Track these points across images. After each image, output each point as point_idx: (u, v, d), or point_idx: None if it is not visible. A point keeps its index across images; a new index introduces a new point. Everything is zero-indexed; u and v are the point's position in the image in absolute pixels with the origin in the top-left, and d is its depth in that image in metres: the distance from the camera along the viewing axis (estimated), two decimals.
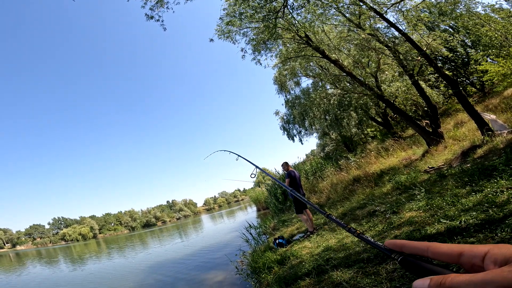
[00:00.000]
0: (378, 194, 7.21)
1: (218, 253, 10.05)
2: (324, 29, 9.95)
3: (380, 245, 0.52)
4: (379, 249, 0.52)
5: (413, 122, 9.86)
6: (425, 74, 11.51)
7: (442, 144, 8.75)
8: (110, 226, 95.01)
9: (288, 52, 10.78)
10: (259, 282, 5.22)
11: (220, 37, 9.82)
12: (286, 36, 9.88)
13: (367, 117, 16.85)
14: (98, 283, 9.55)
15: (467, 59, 14.90)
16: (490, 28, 9.20)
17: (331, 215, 0.98)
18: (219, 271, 7.66)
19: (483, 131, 7.05)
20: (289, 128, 20.74)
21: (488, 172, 4.73)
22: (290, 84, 19.64)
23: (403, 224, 4.34)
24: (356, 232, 0.74)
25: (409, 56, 8.95)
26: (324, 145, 24.75)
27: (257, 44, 9.88)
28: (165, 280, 8.25)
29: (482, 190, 4.14)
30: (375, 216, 5.48)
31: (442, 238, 3.22)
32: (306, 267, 4.33)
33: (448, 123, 11.81)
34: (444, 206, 4.21)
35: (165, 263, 11.02)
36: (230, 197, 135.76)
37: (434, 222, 3.79)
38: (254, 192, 25.67)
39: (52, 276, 14.10)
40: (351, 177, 10.18)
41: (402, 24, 8.83)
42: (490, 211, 3.34)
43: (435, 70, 8.52)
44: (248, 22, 9.51)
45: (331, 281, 3.51)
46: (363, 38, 9.21)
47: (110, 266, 13.51)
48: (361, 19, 8.70)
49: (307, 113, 17.02)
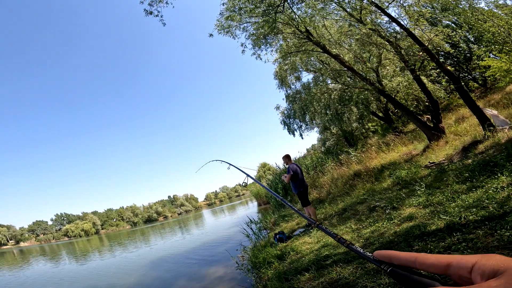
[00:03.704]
0: (379, 189, 7.22)
1: (219, 248, 10.11)
2: (325, 24, 9.86)
3: (369, 256, 0.52)
4: (368, 260, 0.53)
5: (414, 117, 9.82)
6: (426, 69, 11.43)
7: (443, 139, 8.72)
8: (112, 222, 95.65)
9: (289, 47, 10.71)
10: (259, 277, 5.25)
11: (220, 32, 9.75)
12: (286, 31, 9.80)
13: (368, 112, 16.75)
14: (100, 278, 9.64)
15: (470, 54, 14.76)
16: (493, 24, 9.09)
17: (321, 225, 1.00)
18: (220, 266, 7.71)
19: (484, 126, 7.01)
20: (289, 122, 20.68)
21: (489, 167, 4.71)
22: (290, 79, 19.54)
23: (403, 219, 4.34)
24: (345, 243, 0.74)
25: (411, 51, 8.87)
26: (325, 140, 24.68)
27: (257, 39, 9.81)
28: (167, 275, 8.32)
29: (482, 186, 4.13)
30: (375, 212, 5.49)
31: (441, 234, 3.23)
32: (306, 263, 4.36)
33: (449, 118, 11.75)
34: (444, 202, 4.21)
35: (167, 258, 11.10)
36: (231, 192, 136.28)
37: (434, 218, 3.79)
38: (255, 186, 25.70)
39: (56, 272, 14.26)
40: (352, 172, 10.18)
41: (404, 19, 8.74)
42: (490, 208, 3.34)
43: (437, 65, 8.46)
44: (248, 17, 9.43)
45: (331, 277, 3.53)
46: (364, 33, 9.12)
47: (112, 262, 13.62)
48: (362, 13, 8.61)
49: (307, 108, 16.96)
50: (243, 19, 9.49)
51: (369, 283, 2.93)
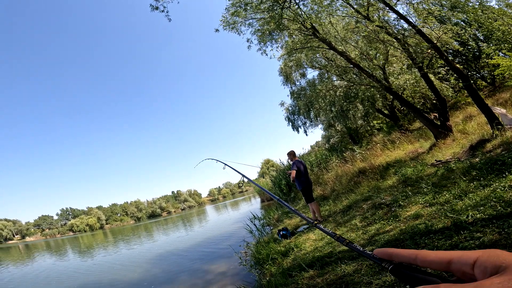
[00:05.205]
0: (384, 187, 7.17)
1: (222, 244, 10.15)
2: (331, 21, 9.77)
3: (369, 254, 0.52)
4: (369, 258, 0.53)
5: (421, 115, 9.72)
6: (434, 67, 11.27)
7: (450, 138, 8.63)
8: (116, 217, 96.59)
9: (294, 43, 10.64)
10: (263, 273, 5.27)
11: (225, 28, 9.73)
12: (292, 27, 9.73)
13: (374, 109, 16.62)
14: (104, 274, 9.72)
15: (479, 53, 14.54)
16: (503, 22, 8.95)
17: (318, 225, 0.98)
18: (223, 262, 7.74)
19: (492, 125, 6.92)
20: (294, 119, 20.65)
21: (497, 166, 4.65)
22: (295, 76, 19.49)
23: (409, 217, 4.31)
24: (345, 241, 0.74)
25: (419, 49, 8.76)
26: (329, 137, 24.62)
27: (262, 35, 9.77)
28: (170, 270, 8.38)
29: (490, 185, 4.08)
30: (380, 209, 5.46)
31: (448, 232, 3.20)
32: (310, 259, 4.35)
33: (457, 117, 11.61)
34: (451, 200, 4.17)
35: (170, 254, 11.17)
36: (235, 188, 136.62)
37: (441, 216, 3.76)
38: (259, 183, 25.71)
39: (60, 267, 14.47)
40: (356, 169, 10.13)
41: (412, 16, 8.64)
42: (498, 206, 3.30)
43: (446, 63, 8.34)
44: (253, 13, 9.39)
45: (335, 273, 3.53)
46: (371, 30, 9.02)
47: (116, 257, 13.76)
48: (370, 10, 8.51)
49: (312, 105, 16.88)
50: (249, 15, 9.45)
51: (374, 280, 2.93)
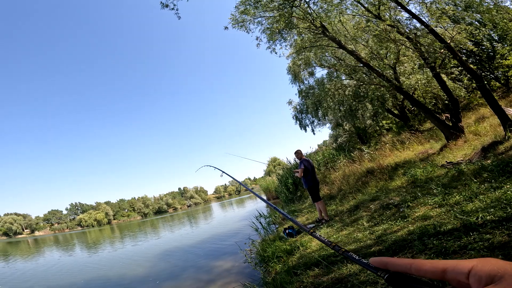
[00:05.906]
0: (392, 187, 7.10)
1: (227, 241, 10.20)
2: (341, 20, 9.68)
3: (365, 263, 0.53)
4: (365, 267, 0.54)
5: (432, 115, 9.57)
6: (447, 67, 11.06)
7: (462, 139, 8.47)
8: (123, 212, 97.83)
9: (303, 42, 10.59)
10: (268, 271, 5.28)
11: (234, 26, 9.76)
12: (301, 26, 9.69)
13: (383, 109, 16.40)
14: (111, 268, 9.87)
15: (493, 53, 14.22)
16: None
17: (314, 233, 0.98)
18: (228, 259, 7.78)
19: (505, 126, 6.78)
20: (301, 118, 20.54)
21: (509, 169, 4.56)
22: (304, 74, 19.38)
23: (417, 218, 4.26)
24: (340, 250, 0.74)
25: (431, 49, 8.61)
26: (337, 136, 24.43)
27: (272, 33, 9.75)
28: (175, 266, 8.45)
29: (501, 187, 4.00)
30: (389, 210, 5.40)
31: (457, 233, 3.15)
32: (316, 258, 4.34)
33: (469, 118, 11.39)
34: (461, 202, 4.10)
35: (175, 250, 11.27)
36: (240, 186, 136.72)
37: (450, 217, 3.70)
38: (265, 181, 25.60)
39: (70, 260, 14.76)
40: (364, 169, 10.02)
41: (425, 16, 8.50)
42: (509, 209, 3.24)
43: (459, 63, 8.18)
44: (262, 11, 9.38)
45: (341, 273, 3.51)
46: (382, 29, 8.90)
47: (123, 252, 13.94)
48: (381, 9, 8.40)
49: (320, 104, 16.76)
50: (258, 13, 9.45)
51: (380, 280, 2.90)
